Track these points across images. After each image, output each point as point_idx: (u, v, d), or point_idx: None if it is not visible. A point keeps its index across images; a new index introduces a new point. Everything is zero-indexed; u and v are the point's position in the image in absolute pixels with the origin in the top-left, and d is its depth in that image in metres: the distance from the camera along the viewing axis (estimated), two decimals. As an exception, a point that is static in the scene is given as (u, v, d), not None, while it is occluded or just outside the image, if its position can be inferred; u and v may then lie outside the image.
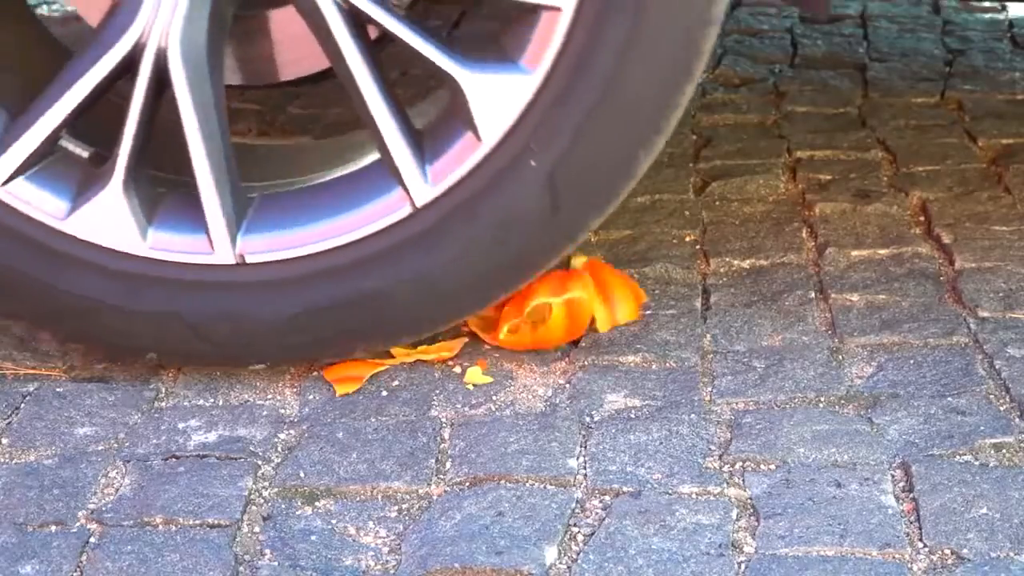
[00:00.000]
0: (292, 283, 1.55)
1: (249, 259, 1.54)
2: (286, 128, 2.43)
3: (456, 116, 1.52)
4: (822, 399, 1.55)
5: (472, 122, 1.50)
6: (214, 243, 1.54)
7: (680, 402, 1.55)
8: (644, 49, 1.47)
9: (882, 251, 1.86)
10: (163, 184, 1.59)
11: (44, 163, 1.55)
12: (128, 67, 1.51)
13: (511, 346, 1.63)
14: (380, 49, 1.56)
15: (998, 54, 2.61)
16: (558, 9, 1.46)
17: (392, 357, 1.63)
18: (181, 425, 1.53)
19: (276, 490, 1.42)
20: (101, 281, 1.55)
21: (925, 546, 1.30)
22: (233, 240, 1.54)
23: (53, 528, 1.36)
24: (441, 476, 1.43)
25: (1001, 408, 1.51)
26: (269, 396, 1.59)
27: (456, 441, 1.49)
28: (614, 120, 1.50)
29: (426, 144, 1.54)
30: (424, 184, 1.52)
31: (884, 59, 2.59)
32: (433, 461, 1.46)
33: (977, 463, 1.42)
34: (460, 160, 1.51)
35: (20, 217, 1.54)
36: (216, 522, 1.36)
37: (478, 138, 1.50)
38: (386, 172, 1.53)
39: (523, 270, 1.57)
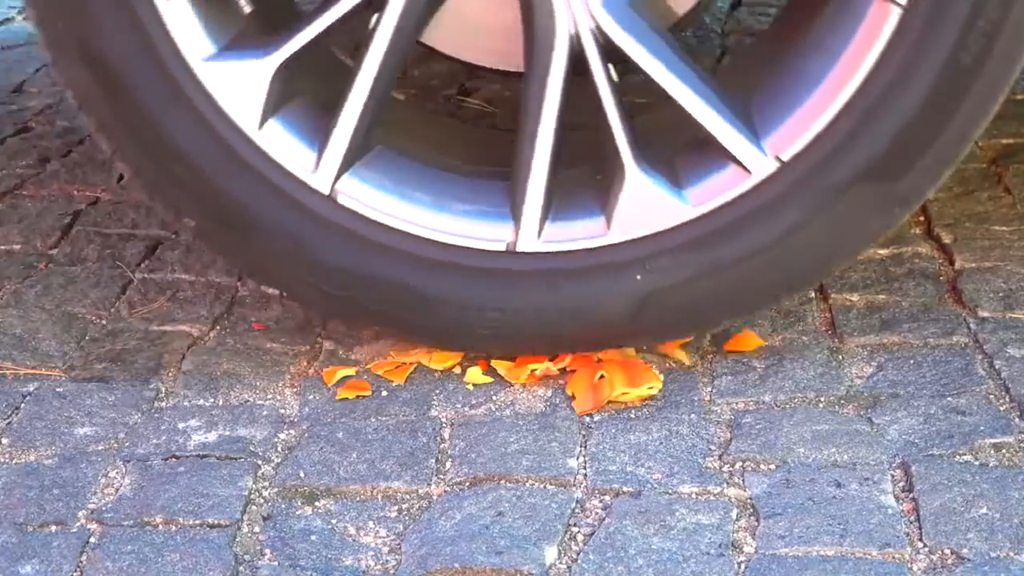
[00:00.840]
0: (360, 242, 1.54)
1: (340, 199, 1.53)
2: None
3: (597, 195, 1.54)
4: (822, 399, 1.55)
5: (610, 210, 1.52)
6: (320, 166, 1.52)
7: (680, 402, 1.55)
8: (793, 247, 1.52)
9: (882, 251, 1.86)
10: (302, 85, 1.57)
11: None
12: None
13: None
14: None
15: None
16: (747, 171, 1.49)
17: (396, 357, 1.64)
18: (181, 425, 1.53)
19: (276, 490, 1.42)
20: (198, 134, 1.52)
21: (925, 546, 1.30)
22: (337, 175, 1.53)
23: (53, 528, 1.36)
24: (441, 476, 1.43)
25: (1001, 408, 1.51)
26: (269, 396, 1.59)
27: (456, 441, 1.49)
28: (731, 281, 1.53)
29: (555, 202, 1.54)
30: (534, 237, 1.53)
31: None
32: (433, 461, 1.46)
33: (977, 463, 1.42)
34: (577, 235, 1.54)
35: (166, 38, 1.50)
36: (216, 522, 1.36)
37: (607, 228, 1.53)
38: (505, 200, 1.54)
39: (562, 347, 1.60)
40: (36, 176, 2.22)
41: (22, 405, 1.58)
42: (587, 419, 1.52)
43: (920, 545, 1.30)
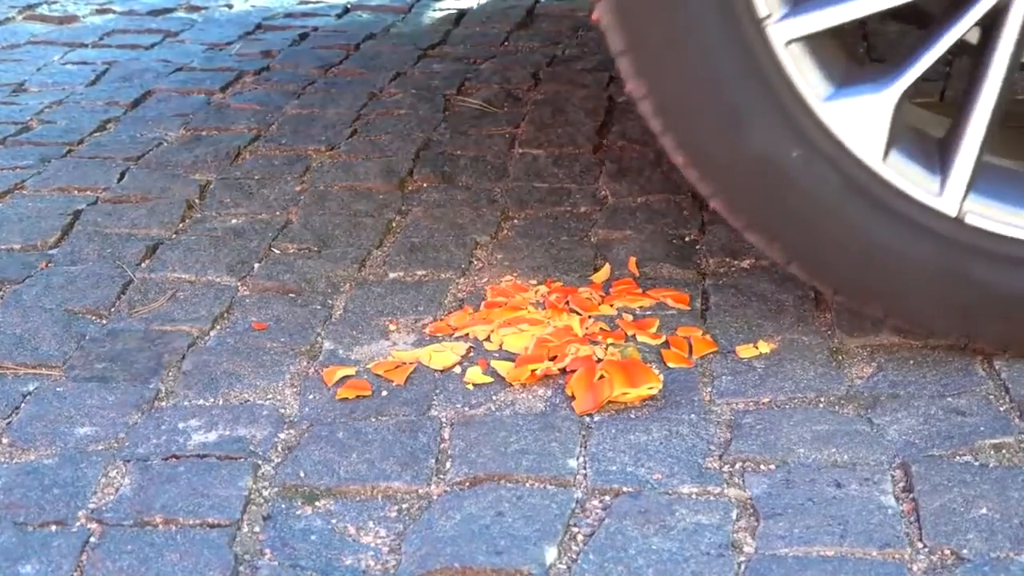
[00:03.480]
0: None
1: (968, 220, 1.53)
2: (283, 128, 2.44)
3: None
4: (822, 399, 1.55)
5: None
6: (945, 190, 1.52)
7: (680, 402, 1.55)
8: None
9: (882, 251, 1.86)
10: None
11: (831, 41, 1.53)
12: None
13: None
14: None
15: None
16: None
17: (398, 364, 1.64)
18: (181, 425, 1.53)
19: (276, 490, 1.42)
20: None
21: (925, 546, 1.30)
22: (964, 196, 1.52)
23: (53, 528, 1.36)
24: (441, 476, 1.43)
25: (1001, 408, 1.51)
26: (269, 396, 1.59)
27: (456, 441, 1.49)
28: None
29: None
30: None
31: (884, 59, 2.59)
32: (433, 461, 1.46)
33: (977, 463, 1.42)
34: None
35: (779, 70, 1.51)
36: (216, 522, 1.36)
37: None
38: None
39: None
40: (36, 176, 2.22)
41: (22, 405, 1.58)
42: (587, 419, 1.52)
43: (920, 545, 1.30)
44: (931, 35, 1.51)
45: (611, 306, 1.75)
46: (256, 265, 1.91)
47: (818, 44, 1.52)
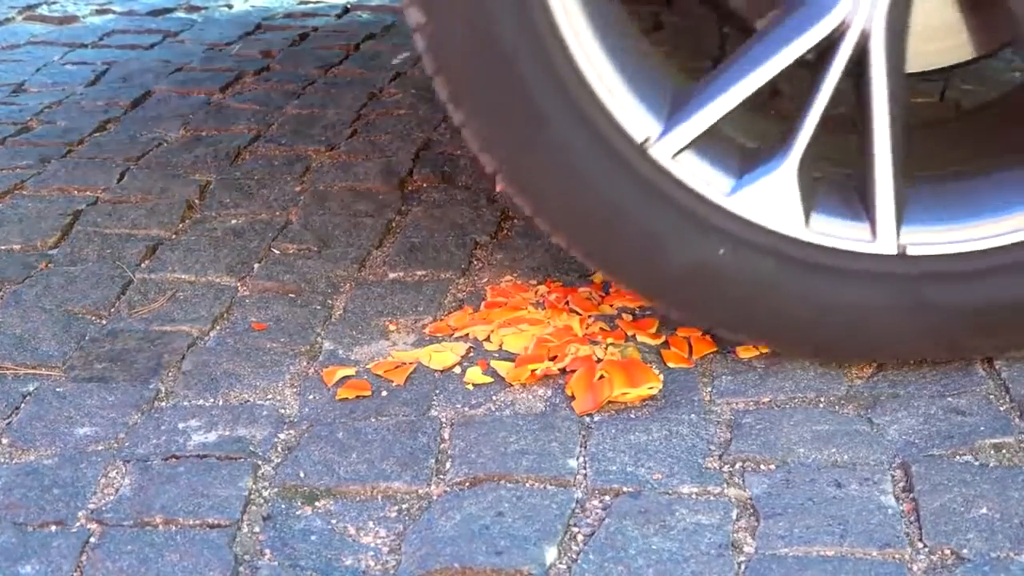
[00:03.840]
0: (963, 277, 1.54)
1: (909, 251, 1.53)
2: (283, 128, 2.44)
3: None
4: (822, 399, 1.55)
5: None
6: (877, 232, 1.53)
7: (680, 402, 1.55)
8: None
9: (882, 251, 1.86)
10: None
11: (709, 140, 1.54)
12: (825, 49, 1.50)
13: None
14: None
15: (998, 54, 2.60)
16: None
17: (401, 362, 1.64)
18: (181, 425, 1.53)
19: (276, 490, 1.42)
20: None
21: (925, 546, 1.30)
22: (897, 231, 1.53)
23: (53, 528, 1.36)
24: (441, 476, 1.43)
25: (1001, 408, 1.51)
26: (269, 396, 1.59)
27: (456, 441, 1.49)
28: None
29: None
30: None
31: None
32: (433, 461, 1.46)
33: (977, 463, 1.42)
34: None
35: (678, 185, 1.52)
36: (216, 522, 1.36)
37: None
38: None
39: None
40: (36, 176, 2.22)
41: (22, 405, 1.58)
42: (587, 419, 1.52)
43: (920, 545, 1.30)
44: (805, 103, 1.52)
45: (611, 306, 1.75)
46: (256, 265, 1.91)
47: (705, 146, 1.52)
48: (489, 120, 1.52)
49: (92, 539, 1.34)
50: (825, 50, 1.50)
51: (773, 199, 1.52)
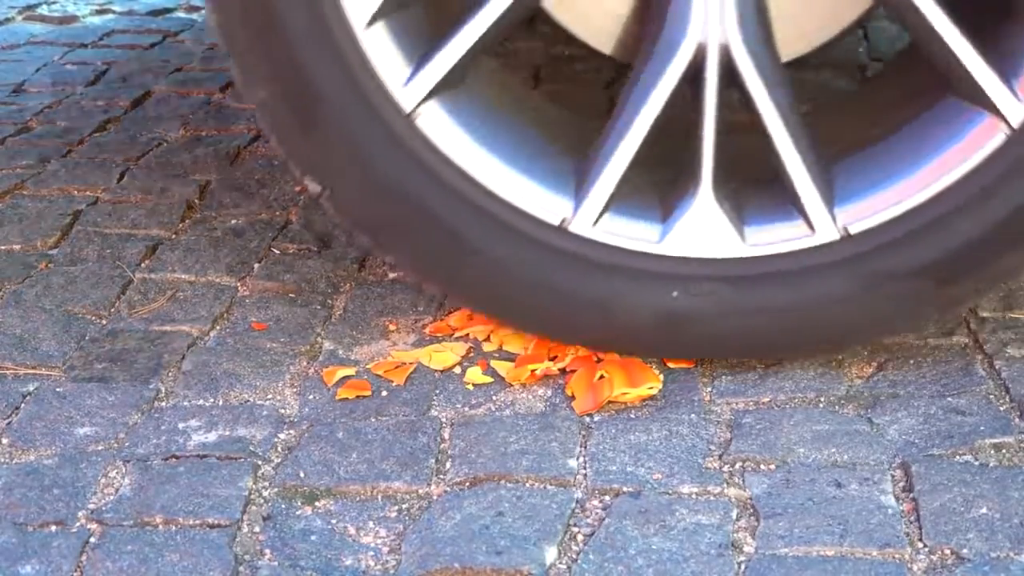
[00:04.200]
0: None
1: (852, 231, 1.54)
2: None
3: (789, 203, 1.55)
4: (822, 399, 1.55)
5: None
6: (815, 224, 1.53)
7: (680, 402, 1.55)
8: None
9: (882, 251, 1.86)
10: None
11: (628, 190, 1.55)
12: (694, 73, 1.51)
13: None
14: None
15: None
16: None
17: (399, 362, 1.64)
18: (181, 425, 1.53)
19: (276, 490, 1.42)
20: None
21: (925, 546, 1.30)
22: (833, 217, 1.53)
23: (53, 528, 1.36)
24: (441, 476, 1.43)
25: (1001, 408, 1.51)
26: (269, 396, 1.59)
27: (456, 441, 1.49)
28: None
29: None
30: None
31: (884, 59, 2.59)
32: (433, 461, 1.46)
33: (977, 463, 1.42)
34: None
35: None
36: (216, 522, 1.36)
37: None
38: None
39: None
40: (36, 176, 2.22)
41: (22, 405, 1.58)
42: (587, 419, 1.52)
43: (920, 545, 1.30)
44: (696, 132, 1.52)
45: None
46: (256, 265, 1.91)
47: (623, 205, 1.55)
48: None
49: (92, 539, 1.34)
50: (695, 76, 1.51)
51: (700, 232, 1.53)
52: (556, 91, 2.57)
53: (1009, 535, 1.30)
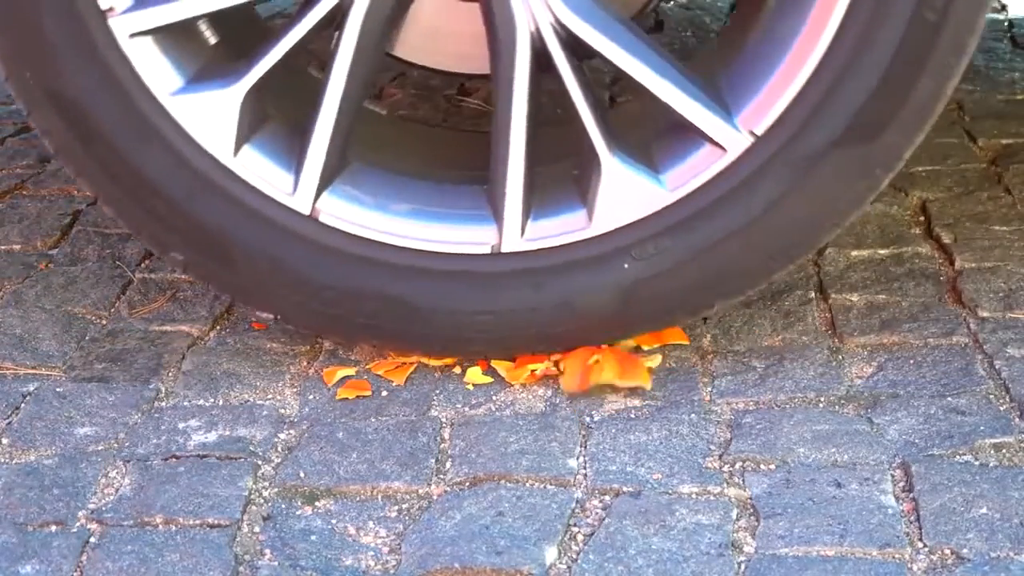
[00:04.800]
0: (345, 258, 1.56)
1: (322, 218, 1.55)
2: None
3: (578, 188, 1.55)
4: (822, 399, 1.55)
5: (592, 203, 1.52)
6: (299, 188, 1.54)
7: (680, 402, 1.55)
8: (775, 221, 1.52)
9: (882, 251, 1.86)
10: (275, 108, 1.59)
11: (174, 33, 1.54)
12: None
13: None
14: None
15: (998, 54, 2.61)
16: (723, 148, 1.50)
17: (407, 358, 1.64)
18: (181, 425, 1.53)
19: (276, 490, 1.42)
20: (172, 168, 1.54)
21: (925, 546, 1.30)
22: (317, 194, 1.54)
23: (53, 528, 1.36)
24: (441, 476, 1.43)
25: (1001, 408, 1.51)
26: (269, 396, 1.59)
27: (456, 441, 1.49)
28: (720, 262, 1.53)
29: (536, 198, 1.55)
30: (518, 236, 1.53)
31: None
32: (433, 461, 1.46)
33: (977, 463, 1.42)
34: (561, 230, 1.54)
35: (131, 74, 1.52)
36: (216, 522, 1.36)
37: (589, 220, 1.53)
38: (485, 202, 1.55)
39: (557, 346, 1.60)
40: (36, 176, 2.22)
41: (22, 405, 1.58)
42: (587, 419, 1.52)
43: (920, 545, 1.30)
44: (279, 34, 1.52)
45: None
46: (256, 265, 1.90)
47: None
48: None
49: (92, 539, 1.34)
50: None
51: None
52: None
53: (1009, 535, 1.30)
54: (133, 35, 1.50)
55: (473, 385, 1.60)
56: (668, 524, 1.34)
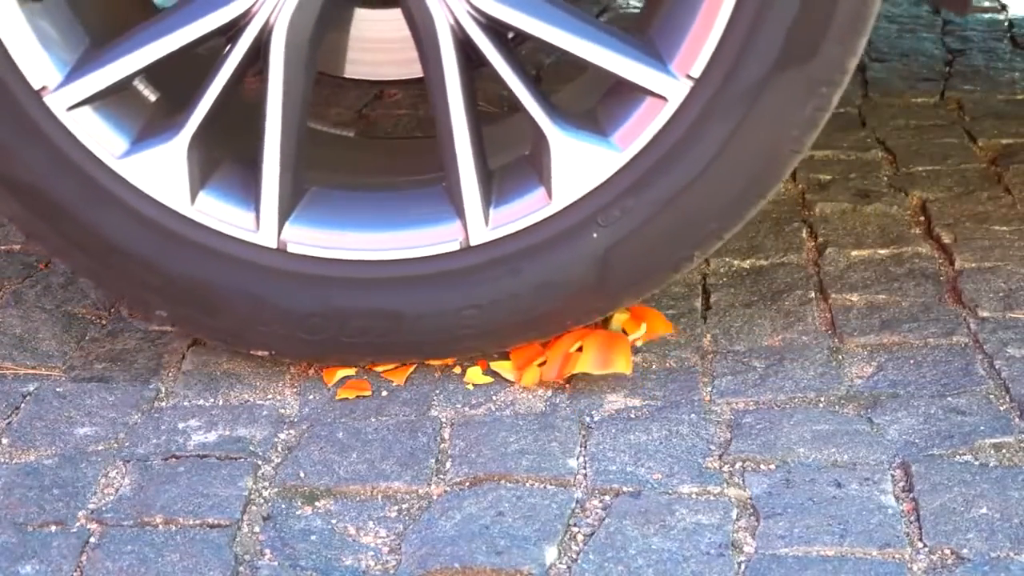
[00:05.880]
0: (324, 283, 1.55)
1: (291, 248, 1.55)
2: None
3: (533, 168, 1.54)
4: (822, 399, 1.55)
5: (548, 180, 1.51)
6: (261, 223, 1.54)
7: (680, 402, 1.55)
8: (732, 160, 1.50)
9: (882, 251, 1.86)
10: (225, 150, 1.59)
11: (113, 98, 1.55)
12: (228, 32, 1.51)
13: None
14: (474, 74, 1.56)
15: (998, 54, 2.61)
16: (663, 99, 1.48)
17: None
18: (181, 425, 1.53)
19: (276, 490, 1.42)
20: (137, 229, 1.55)
21: (925, 546, 1.30)
22: (280, 226, 1.54)
23: (53, 528, 1.36)
24: (441, 476, 1.43)
25: (1001, 408, 1.51)
26: (269, 396, 1.59)
27: (456, 441, 1.49)
28: (688, 211, 1.51)
29: (495, 186, 1.55)
30: (483, 226, 1.53)
31: (884, 59, 2.59)
32: (433, 461, 1.46)
33: (977, 463, 1.42)
34: (524, 212, 1.53)
35: (77, 146, 1.53)
36: (216, 522, 1.36)
37: (548, 197, 1.51)
38: (446, 200, 1.54)
39: (547, 330, 1.58)
40: (36, 176, 2.22)
41: (22, 405, 1.58)
42: (587, 419, 1.52)
43: (920, 545, 1.30)
44: (206, 82, 1.52)
45: None
46: (256, 265, 1.90)
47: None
48: None
49: (92, 539, 1.34)
50: (233, 34, 1.51)
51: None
52: (557, 90, 2.57)
53: (1009, 535, 1.30)
54: (71, 108, 1.52)
55: (473, 385, 1.60)
56: (668, 524, 1.34)
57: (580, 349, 1.58)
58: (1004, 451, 1.44)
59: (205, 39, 1.51)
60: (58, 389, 1.60)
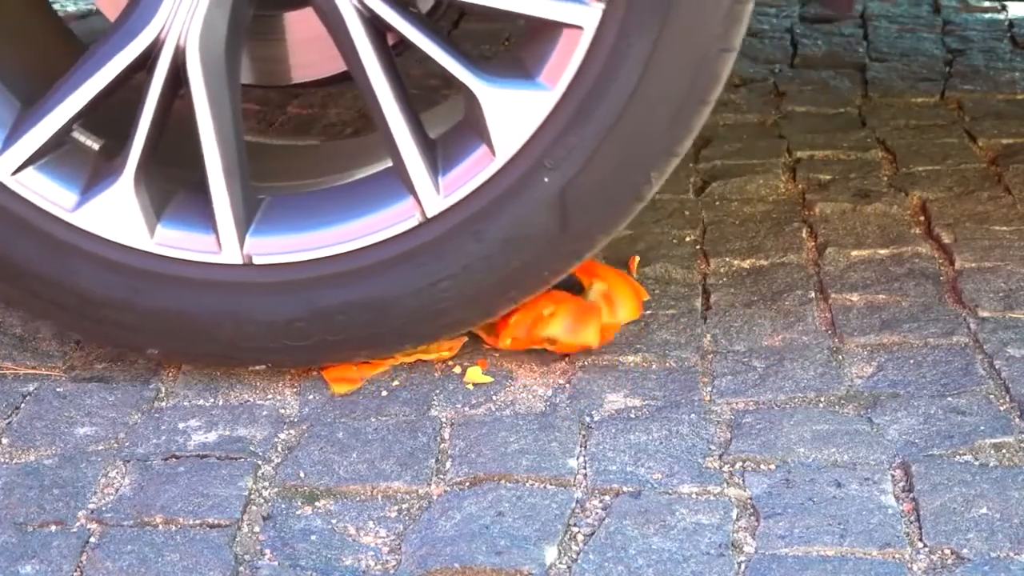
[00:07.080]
0: (297, 286, 1.55)
1: (256, 260, 1.55)
2: (285, 127, 2.43)
3: (472, 129, 1.53)
4: (822, 399, 1.55)
5: (487, 136, 1.50)
6: (222, 243, 1.54)
7: (680, 402, 1.55)
8: (662, 72, 1.47)
9: (882, 251, 1.86)
10: (175, 181, 1.59)
11: (55, 154, 1.55)
12: (145, 63, 1.51)
13: (512, 348, 1.63)
14: (397, 55, 1.56)
15: (998, 54, 2.61)
16: (579, 28, 1.47)
17: (392, 358, 1.63)
18: (181, 425, 1.53)
19: (276, 490, 1.42)
20: (105, 274, 1.55)
21: (925, 546, 1.30)
22: (242, 241, 1.54)
23: (53, 528, 1.36)
24: (441, 476, 1.43)
25: (1001, 408, 1.51)
26: (269, 396, 1.59)
27: (456, 441, 1.49)
28: (632, 134, 1.50)
29: (439, 155, 1.54)
30: (436, 195, 1.52)
31: (884, 59, 2.59)
32: (433, 461, 1.46)
33: (977, 463, 1.42)
34: (472, 173, 1.52)
35: (28, 206, 1.54)
36: (216, 522, 1.36)
37: (492, 152, 1.51)
38: (397, 180, 1.54)
39: (528, 286, 1.57)
40: (36, 176, 2.22)
41: (22, 405, 1.58)
42: (587, 419, 1.52)
43: (920, 545, 1.30)
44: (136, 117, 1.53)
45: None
46: (256, 265, 1.90)
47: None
48: None
49: (92, 539, 1.34)
50: (150, 64, 1.51)
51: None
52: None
53: (1009, 535, 1.31)
54: (15, 172, 1.53)
55: (473, 385, 1.60)
56: (668, 524, 1.34)
57: (552, 313, 1.58)
58: (1004, 451, 1.44)
59: (126, 75, 1.52)
60: (58, 389, 1.60)
